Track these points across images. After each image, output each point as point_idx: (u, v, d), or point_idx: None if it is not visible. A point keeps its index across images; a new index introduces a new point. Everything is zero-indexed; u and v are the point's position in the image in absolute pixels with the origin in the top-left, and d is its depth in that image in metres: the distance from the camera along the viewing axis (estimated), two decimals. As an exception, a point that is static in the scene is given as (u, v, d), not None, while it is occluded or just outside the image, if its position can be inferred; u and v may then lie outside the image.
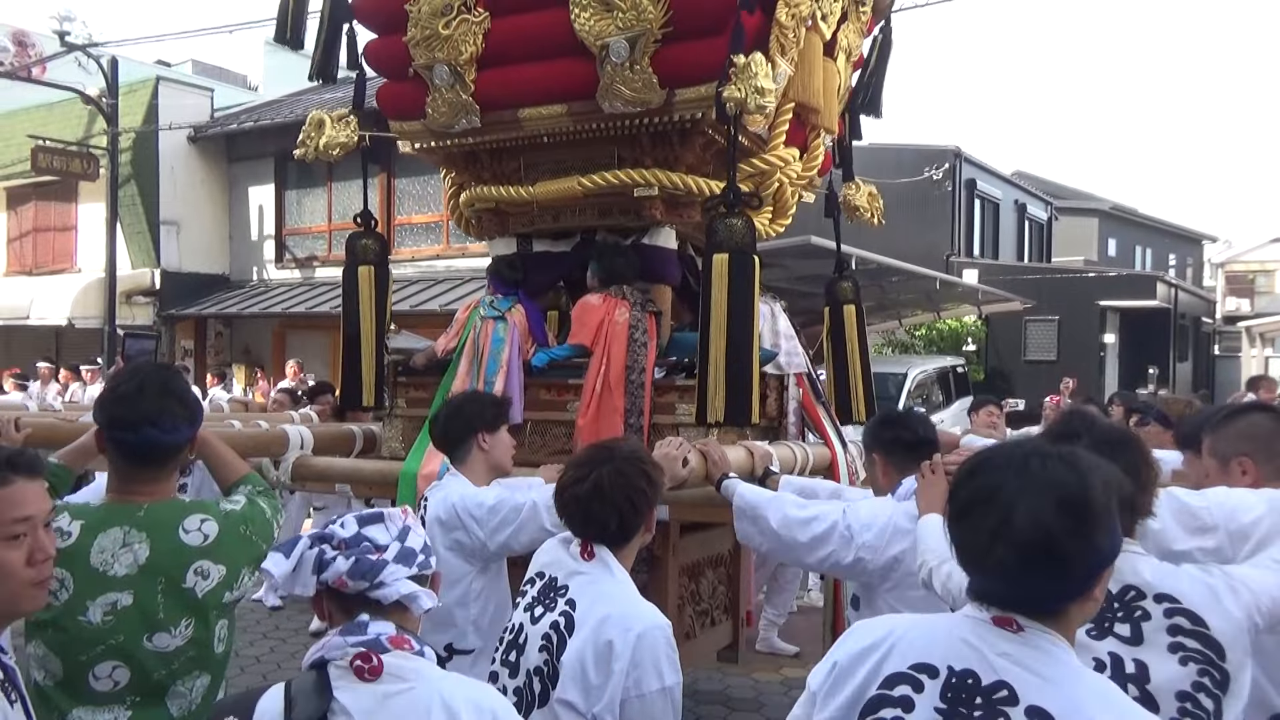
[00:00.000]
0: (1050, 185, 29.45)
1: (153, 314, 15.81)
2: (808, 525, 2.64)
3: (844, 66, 4.46)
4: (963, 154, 21.37)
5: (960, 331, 18.81)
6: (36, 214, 17.26)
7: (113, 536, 2.02)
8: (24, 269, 17.28)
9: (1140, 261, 30.91)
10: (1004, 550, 1.36)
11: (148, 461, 2.10)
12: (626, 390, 3.72)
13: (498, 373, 3.90)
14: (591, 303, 3.94)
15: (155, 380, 2.13)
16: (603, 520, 2.19)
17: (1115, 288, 20.23)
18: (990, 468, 1.45)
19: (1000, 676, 1.39)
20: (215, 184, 16.08)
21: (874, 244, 13.61)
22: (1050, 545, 1.35)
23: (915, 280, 13.93)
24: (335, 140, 4.20)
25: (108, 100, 14.36)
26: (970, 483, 1.46)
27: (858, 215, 4.90)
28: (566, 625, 2.11)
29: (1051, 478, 1.39)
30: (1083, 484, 1.39)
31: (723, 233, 3.48)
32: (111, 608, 1.98)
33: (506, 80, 3.93)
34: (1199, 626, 1.81)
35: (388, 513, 1.67)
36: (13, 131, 16.06)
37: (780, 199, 4.44)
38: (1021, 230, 25.54)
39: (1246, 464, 2.37)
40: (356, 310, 4.31)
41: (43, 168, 14.65)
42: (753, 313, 3.45)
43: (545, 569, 2.29)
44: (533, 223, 4.33)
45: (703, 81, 3.55)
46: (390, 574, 1.58)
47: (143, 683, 2.00)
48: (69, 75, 14.69)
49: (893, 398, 12.34)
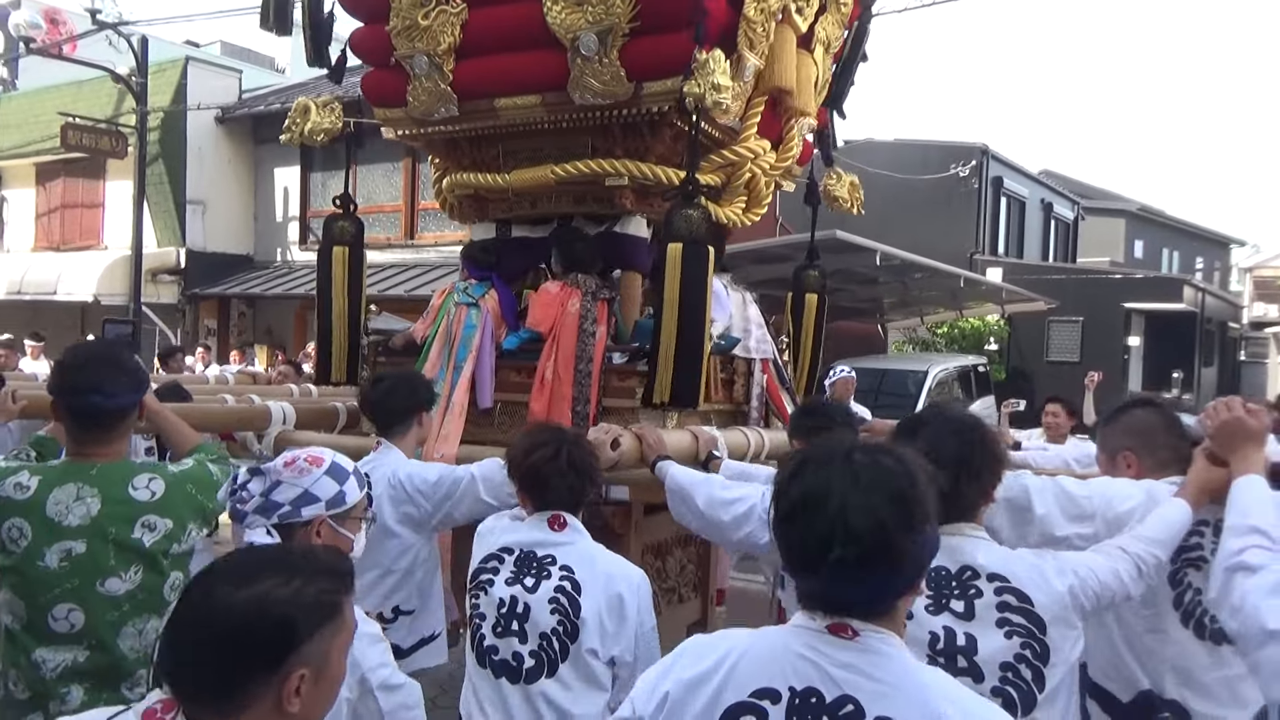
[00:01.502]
0: (1077, 185, 29.16)
1: (177, 293, 15.96)
2: (730, 506, 2.74)
3: (822, 58, 4.54)
4: (990, 151, 21.19)
5: (982, 330, 18.67)
6: (65, 190, 17.43)
7: (67, 491, 2.23)
8: (52, 245, 17.47)
9: (1167, 264, 30.59)
10: (841, 550, 1.33)
11: (95, 424, 2.31)
12: (575, 379, 3.83)
13: (467, 358, 4.02)
14: (549, 290, 4.05)
15: (102, 353, 2.42)
16: (571, 491, 2.48)
17: (1141, 290, 20.01)
18: (814, 467, 1.41)
19: (844, 690, 1.37)
20: (241, 165, 16.18)
21: (898, 240, 13.55)
22: (888, 541, 1.34)
23: (939, 278, 13.83)
24: (319, 126, 4.36)
25: (137, 79, 14.46)
26: (796, 484, 1.41)
27: (838, 205, 4.91)
28: (574, 588, 2.40)
29: (879, 474, 1.38)
30: (910, 477, 1.39)
31: (679, 223, 3.57)
32: (66, 554, 2.20)
33: (483, 71, 4.02)
34: (1024, 603, 1.93)
35: (269, 467, 1.94)
36: (43, 108, 16.22)
37: (754, 189, 4.50)
38: (1047, 230, 25.32)
39: (1130, 458, 2.44)
40: (329, 289, 4.48)
41: (72, 144, 14.79)
42: (705, 302, 3.54)
43: (514, 545, 2.50)
44: (511, 209, 4.44)
45: (669, 75, 3.63)
46: (250, 521, 1.87)
47: (97, 624, 2.21)
48: (100, 54, 14.81)
49: (912, 395, 12.28)
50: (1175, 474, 2.36)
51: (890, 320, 17.92)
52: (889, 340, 18.64)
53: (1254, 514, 2.00)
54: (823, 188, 4.94)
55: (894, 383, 12.64)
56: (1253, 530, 1.96)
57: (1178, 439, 2.44)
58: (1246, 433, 2.16)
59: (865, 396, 9.38)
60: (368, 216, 15.00)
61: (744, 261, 12.09)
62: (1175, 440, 2.44)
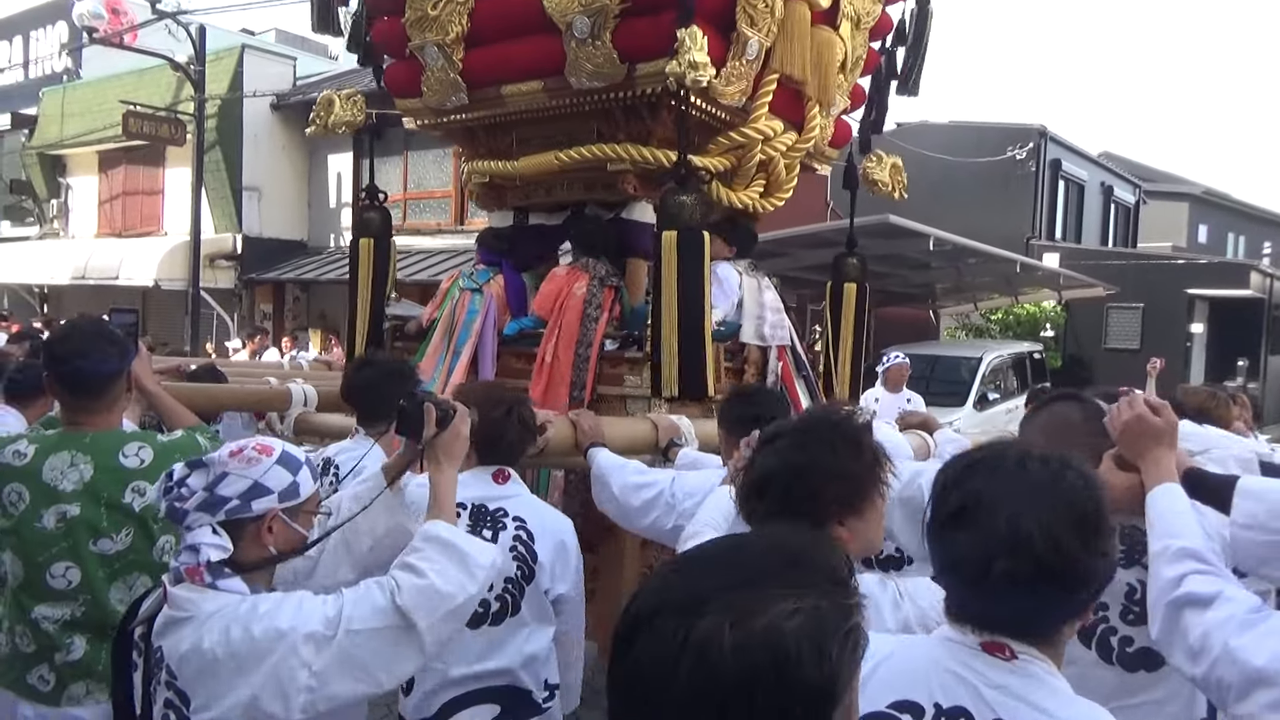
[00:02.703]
0: (1139, 167, 28.38)
1: (234, 278, 16.26)
2: (639, 491, 2.74)
3: (851, 34, 4.39)
4: (1048, 133, 20.69)
5: (1038, 317, 18.29)
6: (126, 178, 17.84)
7: (62, 458, 2.35)
8: (114, 231, 17.90)
9: (1232, 249, 29.68)
10: (1008, 565, 1.23)
11: (83, 391, 2.43)
12: (574, 362, 3.80)
13: (467, 342, 4.06)
14: (557, 274, 4.06)
15: (87, 326, 2.54)
16: (514, 447, 2.63)
17: (1205, 275, 19.42)
18: (984, 471, 1.31)
19: (998, 714, 1.25)
20: (296, 151, 16.42)
21: (952, 225, 13.31)
22: (1064, 561, 1.23)
23: (994, 263, 13.57)
24: (341, 119, 4.51)
25: (195, 67, 14.71)
26: (962, 487, 1.31)
27: (878, 189, 4.75)
28: (528, 536, 2.55)
29: (1058, 484, 1.27)
30: (1092, 492, 1.27)
31: (673, 209, 3.51)
32: (62, 517, 2.32)
33: (489, 59, 4.06)
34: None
35: (212, 459, 1.79)
36: (105, 97, 16.59)
37: (773, 172, 4.36)
38: (1107, 214, 24.69)
39: None
40: (357, 279, 4.59)
41: (133, 132, 15.12)
42: (703, 290, 3.51)
43: (465, 500, 2.51)
44: (527, 196, 4.47)
45: (659, 56, 3.57)
46: (192, 520, 1.73)
47: (91, 580, 2.34)
48: (159, 43, 15.09)
49: (965, 382, 12.08)
50: None
51: (943, 306, 17.64)
52: (941, 326, 18.36)
53: (1180, 533, 1.74)
54: (862, 170, 4.80)
55: (946, 370, 12.46)
56: (1184, 554, 1.69)
57: (1096, 436, 2.13)
58: (1153, 434, 1.87)
59: (917, 383, 9.26)
60: (418, 202, 15.15)
61: (794, 246, 11.99)
62: (1093, 438, 2.13)
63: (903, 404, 7.51)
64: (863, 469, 1.69)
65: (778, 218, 5.33)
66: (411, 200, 15.21)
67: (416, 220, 15.21)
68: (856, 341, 4.85)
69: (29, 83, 20.43)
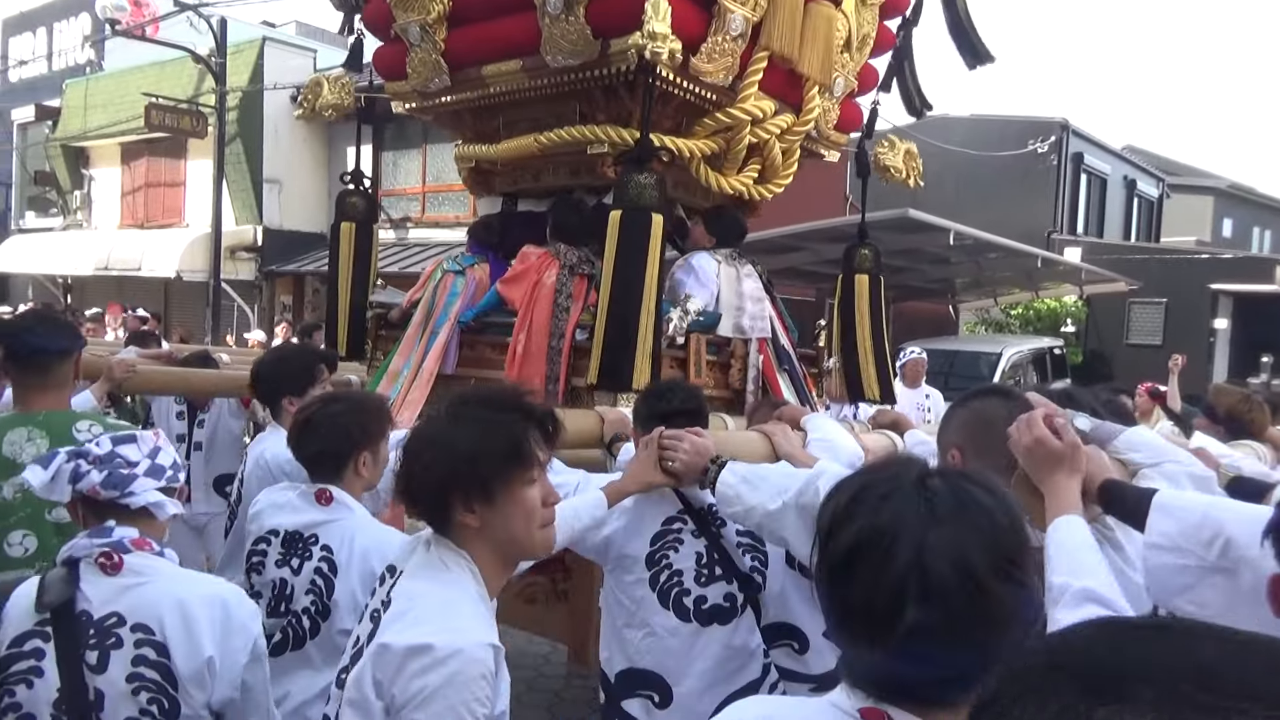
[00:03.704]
0: (1163, 161, 28.09)
1: (254, 269, 16.36)
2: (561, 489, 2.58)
3: (856, 10, 4.14)
4: (1070, 126, 20.50)
5: (1059, 312, 18.14)
6: (149, 170, 17.97)
7: (19, 434, 2.52)
8: (136, 222, 18.05)
9: (1258, 243, 29.32)
10: (920, 612, 0.98)
11: (34, 366, 2.59)
12: (547, 356, 3.68)
13: (444, 325, 3.97)
14: (528, 254, 3.90)
15: (38, 312, 2.85)
16: (319, 456, 2.40)
17: (1230, 270, 19.19)
18: (875, 499, 1.06)
19: None
20: (316, 144, 16.48)
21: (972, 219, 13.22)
22: (985, 598, 0.99)
23: (1014, 258, 13.46)
24: (329, 101, 4.40)
25: (216, 60, 14.80)
26: (850, 523, 1.06)
27: (890, 176, 4.51)
28: (330, 569, 2.32)
29: (965, 505, 1.04)
30: (1007, 510, 1.06)
31: (626, 188, 3.37)
32: (19, 487, 2.42)
33: (469, 38, 3.95)
34: None
35: (139, 434, 1.94)
36: (128, 89, 16.72)
37: (768, 157, 4.10)
38: (1130, 208, 24.44)
39: (957, 457, 1.95)
40: (337, 265, 4.43)
41: (155, 124, 15.23)
42: (643, 275, 3.31)
43: (279, 527, 2.41)
44: (515, 182, 4.35)
45: (629, 31, 3.39)
46: (140, 485, 1.83)
47: (46, 546, 2.46)
48: (181, 35, 15.18)
49: (985, 378, 12.00)
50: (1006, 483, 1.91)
51: (962, 301, 17.53)
52: (960, 321, 18.24)
53: (1080, 571, 1.55)
54: (873, 157, 4.52)
55: (965, 365, 12.39)
56: (1084, 597, 1.50)
57: None
58: (1054, 458, 1.67)
59: (935, 379, 9.20)
60: (437, 195, 15.19)
61: (812, 240, 11.93)
62: None
63: (921, 400, 7.46)
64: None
65: (794, 211, 5.19)
66: (430, 193, 15.25)
67: (435, 213, 15.25)
68: (877, 337, 4.50)
69: (53, 75, 20.62)
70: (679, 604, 2.41)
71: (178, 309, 16.97)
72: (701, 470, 2.34)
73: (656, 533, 2.46)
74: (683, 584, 2.42)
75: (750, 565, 2.48)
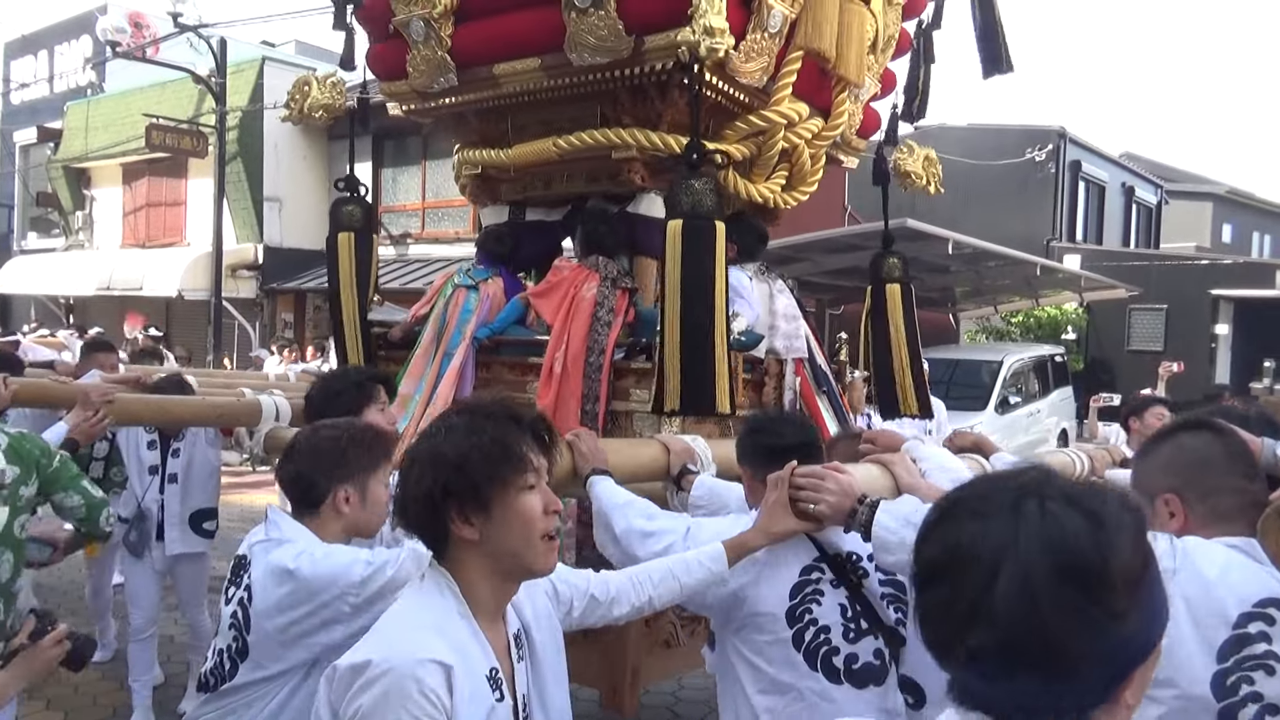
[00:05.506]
0: (1161, 167, 28.13)
1: (255, 287, 16.41)
2: (645, 540, 2.27)
3: (883, 10, 3.93)
4: (1068, 134, 20.57)
5: (1060, 319, 18.16)
6: (150, 189, 18.06)
7: None
8: (138, 242, 18.11)
9: (1258, 248, 29.34)
10: (981, 635, 0.93)
11: None
12: (585, 373, 3.42)
13: (460, 345, 3.72)
14: (561, 269, 3.70)
15: None
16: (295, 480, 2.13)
17: (1230, 275, 19.20)
18: (967, 512, 1.01)
19: None
20: (316, 161, 16.55)
21: (971, 228, 13.26)
22: (1041, 631, 0.91)
23: (1014, 266, 13.49)
24: (319, 102, 4.14)
25: (216, 80, 14.88)
26: (938, 535, 1.02)
27: (910, 182, 4.33)
28: (249, 598, 2.01)
29: (1052, 528, 0.94)
30: (1102, 540, 0.94)
31: (681, 196, 3.07)
32: None
33: (481, 34, 3.65)
34: None
35: None
36: (129, 110, 16.81)
37: (796, 163, 3.90)
38: (1128, 214, 24.49)
39: (1174, 503, 1.75)
40: (337, 277, 4.06)
41: (156, 144, 15.33)
42: (712, 287, 3.02)
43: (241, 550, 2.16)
44: (523, 190, 4.09)
45: (670, 27, 3.12)
46: None
47: None
48: (181, 56, 15.28)
49: (986, 386, 12.01)
50: (1241, 529, 1.67)
51: (963, 309, 17.55)
52: (961, 330, 18.26)
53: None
54: (892, 163, 4.34)
55: (967, 373, 12.38)
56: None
57: (1243, 478, 1.76)
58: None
59: (937, 388, 9.17)
60: (437, 211, 15.23)
61: (812, 251, 11.96)
62: (1240, 480, 1.75)
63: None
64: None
65: (793, 221, 5.09)
66: (430, 209, 15.30)
67: (435, 229, 15.29)
68: (912, 348, 4.23)
69: (54, 97, 20.75)
70: (828, 664, 2.12)
71: (179, 328, 17.00)
72: (849, 512, 2.05)
73: (795, 584, 2.15)
74: (830, 642, 2.13)
75: (895, 618, 2.19)
